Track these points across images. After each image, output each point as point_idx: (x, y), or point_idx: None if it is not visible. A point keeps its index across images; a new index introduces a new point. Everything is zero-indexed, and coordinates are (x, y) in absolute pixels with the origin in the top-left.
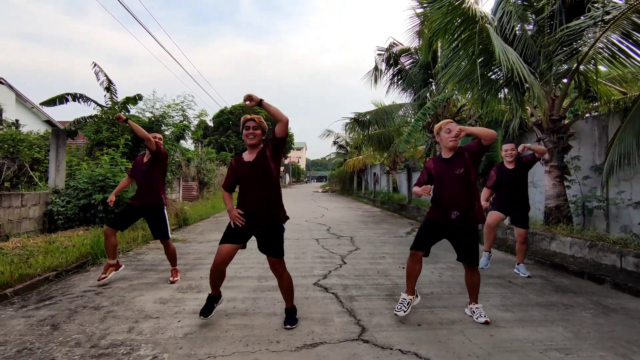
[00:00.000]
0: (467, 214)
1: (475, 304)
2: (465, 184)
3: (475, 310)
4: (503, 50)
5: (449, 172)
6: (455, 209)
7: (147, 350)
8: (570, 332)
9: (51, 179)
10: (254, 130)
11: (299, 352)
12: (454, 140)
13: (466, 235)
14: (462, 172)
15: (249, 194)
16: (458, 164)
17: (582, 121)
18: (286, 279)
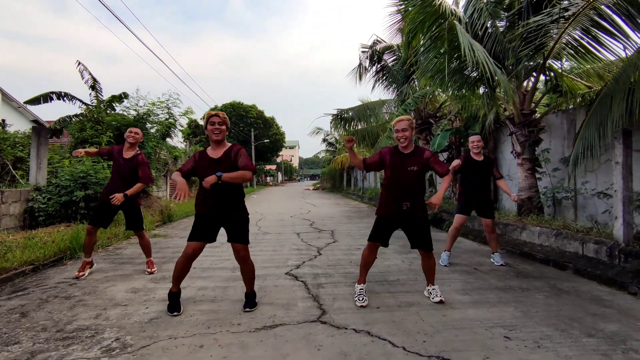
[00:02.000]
0: (418, 204)
1: (432, 285)
2: (416, 178)
3: (432, 291)
4: (469, 46)
5: (403, 167)
6: (406, 201)
7: (111, 334)
8: (520, 311)
9: (32, 176)
10: (219, 125)
11: (258, 332)
12: (402, 140)
13: (418, 223)
14: (415, 170)
15: (210, 193)
16: (414, 162)
17: (553, 115)
18: (250, 265)
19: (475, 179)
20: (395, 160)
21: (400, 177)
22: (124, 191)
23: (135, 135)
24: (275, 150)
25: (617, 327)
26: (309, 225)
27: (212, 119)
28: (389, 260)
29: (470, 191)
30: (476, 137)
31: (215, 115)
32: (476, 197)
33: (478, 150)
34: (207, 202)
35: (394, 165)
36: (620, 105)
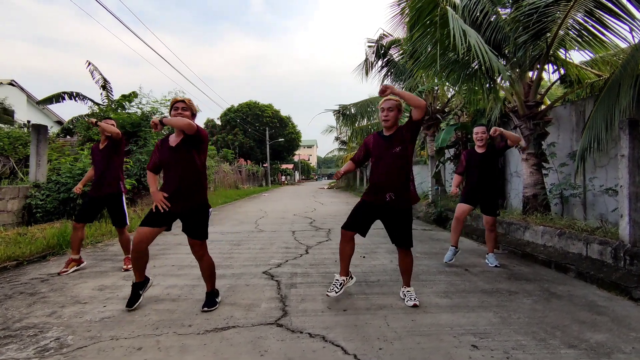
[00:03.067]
0: (402, 196)
1: (407, 287)
2: (401, 163)
3: (407, 294)
4: (461, 31)
5: (387, 150)
6: (390, 191)
7: (55, 333)
8: (499, 317)
9: (32, 173)
10: (182, 111)
11: (205, 335)
12: (385, 119)
13: (400, 217)
14: (399, 151)
15: (172, 179)
16: (396, 142)
17: (561, 107)
18: (206, 261)
19: (480, 173)
20: (379, 144)
21: (384, 161)
22: (110, 181)
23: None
24: (291, 150)
25: (605, 337)
26: (309, 224)
27: (176, 104)
28: (376, 260)
29: (475, 184)
30: (480, 128)
31: (180, 100)
32: (481, 190)
33: (482, 143)
34: (168, 186)
35: (378, 150)
36: (628, 93)
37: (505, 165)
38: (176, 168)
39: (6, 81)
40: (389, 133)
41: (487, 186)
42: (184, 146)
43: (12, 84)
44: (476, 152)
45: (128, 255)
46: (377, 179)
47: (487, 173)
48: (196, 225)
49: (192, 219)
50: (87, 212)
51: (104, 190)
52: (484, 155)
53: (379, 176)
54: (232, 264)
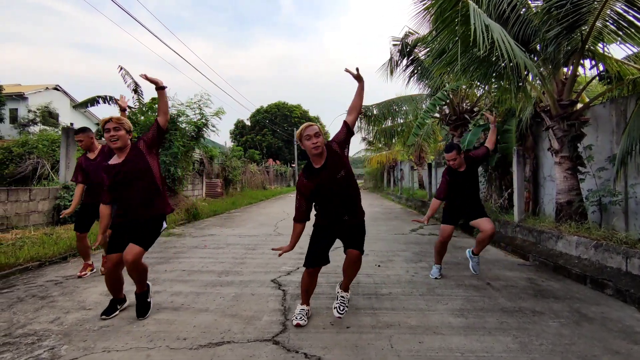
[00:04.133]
0: (357, 213)
1: (346, 292)
2: (351, 185)
3: (340, 298)
4: (482, 27)
5: (330, 178)
6: (346, 213)
7: (52, 342)
8: (518, 342)
9: (61, 174)
10: (114, 132)
11: (197, 350)
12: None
13: (357, 229)
14: (344, 175)
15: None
16: (336, 165)
17: (600, 105)
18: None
19: (463, 192)
20: (316, 176)
21: (332, 191)
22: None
23: (80, 143)
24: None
25: None
26: None
27: (106, 126)
28: (391, 270)
29: (458, 205)
30: (449, 155)
31: (108, 121)
32: (466, 206)
33: (458, 166)
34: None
35: (320, 183)
36: None
37: (538, 168)
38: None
39: (51, 86)
40: (322, 160)
41: (472, 202)
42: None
43: (56, 89)
44: (457, 171)
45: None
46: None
47: (470, 190)
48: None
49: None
50: (83, 220)
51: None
52: (466, 172)
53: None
54: (243, 270)
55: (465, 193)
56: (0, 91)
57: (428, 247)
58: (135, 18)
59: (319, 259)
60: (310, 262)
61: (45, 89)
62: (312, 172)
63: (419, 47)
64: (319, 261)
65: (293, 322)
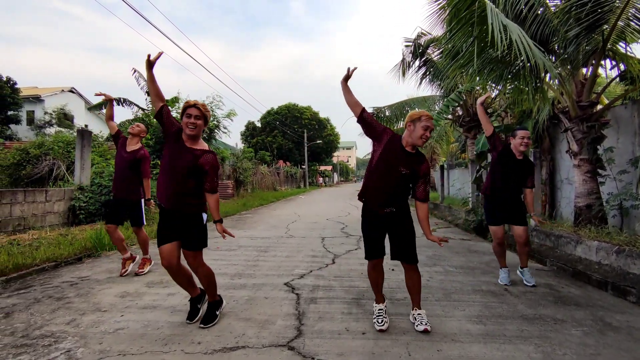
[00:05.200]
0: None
1: (418, 310)
2: (402, 187)
3: (417, 317)
4: (500, 27)
5: (395, 162)
6: (389, 205)
7: (68, 344)
8: (540, 352)
9: (76, 176)
10: (195, 120)
11: (212, 355)
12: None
13: (403, 228)
14: (404, 173)
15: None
16: (409, 163)
17: (621, 106)
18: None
19: (508, 177)
20: (394, 149)
21: (388, 174)
22: (125, 186)
23: (137, 128)
24: (329, 151)
25: None
26: (340, 230)
27: (188, 111)
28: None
29: (498, 190)
30: (525, 132)
31: (192, 106)
32: (504, 197)
33: (525, 149)
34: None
35: (387, 154)
36: None
37: (555, 171)
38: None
39: (67, 88)
40: (409, 150)
41: (516, 198)
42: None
43: (72, 91)
44: (514, 154)
45: (145, 257)
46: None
47: (516, 181)
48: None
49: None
50: (114, 213)
51: (124, 195)
52: (521, 162)
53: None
54: (256, 272)
55: (513, 185)
56: (18, 94)
57: (441, 251)
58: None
59: (376, 250)
60: (368, 253)
61: (61, 92)
62: (394, 142)
63: (432, 47)
64: (376, 252)
65: (376, 327)
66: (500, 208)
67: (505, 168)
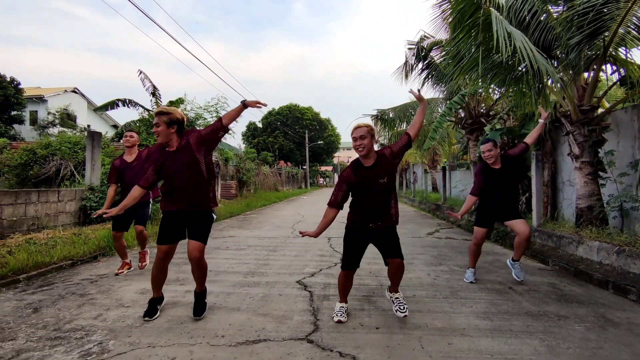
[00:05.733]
0: (389, 221)
1: (397, 293)
2: (388, 193)
3: (395, 300)
4: (505, 34)
5: (371, 181)
6: (375, 219)
7: (99, 336)
8: (545, 346)
9: (87, 176)
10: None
11: (236, 347)
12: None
13: (388, 235)
14: (385, 183)
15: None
16: (382, 172)
17: (621, 111)
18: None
19: (498, 191)
20: (360, 174)
21: (370, 193)
22: None
23: (130, 139)
24: (330, 152)
25: None
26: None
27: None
28: (412, 273)
29: (493, 204)
30: (486, 146)
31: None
32: (501, 207)
33: (492, 160)
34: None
35: (362, 180)
36: None
37: (557, 173)
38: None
39: (70, 89)
40: (369, 163)
41: (508, 199)
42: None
43: (75, 91)
44: (492, 168)
45: (144, 250)
46: (362, 212)
47: (507, 191)
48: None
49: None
50: (120, 220)
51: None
52: (502, 170)
53: (365, 210)
54: (267, 271)
55: (499, 193)
56: (22, 94)
57: (446, 251)
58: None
59: (353, 263)
60: (346, 264)
61: (64, 92)
62: (359, 168)
63: (435, 50)
64: (353, 264)
65: (334, 318)
66: (493, 212)
67: (488, 181)
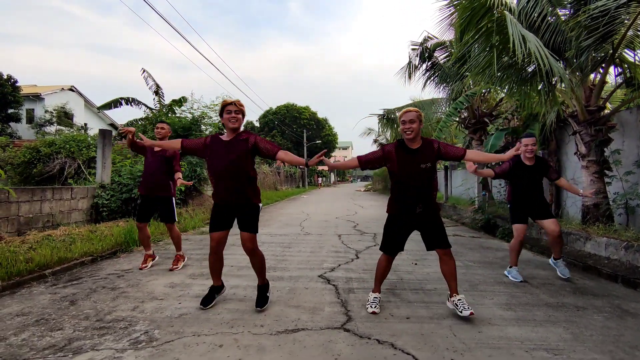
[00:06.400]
0: (431, 204)
1: (457, 295)
2: (429, 179)
3: (459, 303)
4: (520, 37)
5: (413, 164)
6: (419, 202)
7: (143, 326)
8: (570, 333)
9: (98, 174)
10: (235, 114)
11: (278, 335)
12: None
13: (433, 223)
14: (428, 167)
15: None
16: (425, 157)
17: (626, 111)
18: (259, 256)
19: (526, 185)
20: (403, 156)
21: (412, 176)
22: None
23: (161, 131)
24: (327, 152)
25: None
26: (352, 227)
27: (228, 108)
28: (429, 268)
29: (520, 197)
30: (530, 140)
31: (231, 104)
32: (528, 202)
33: (532, 155)
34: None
35: (401, 163)
36: None
37: (561, 172)
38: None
39: (67, 87)
40: (415, 146)
41: (538, 197)
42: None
43: (71, 90)
44: (524, 164)
45: (179, 253)
46: (404, 194)
47: (534, 184)
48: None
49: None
50: (143, 211)
51: (154, 192)
52: (534, 168)
53: (407, 192)
54: (287, 266)
55: (529, 189)
56: (19, 92)
57: (455, 248)
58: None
59: (397, 247)
60: (389, 249)
61: (60, 90)
62: (403, 148)
63: (439, 51)
64: (397, 249)
65: (368, 309)
66: (526, 210)
67: (519, 179)
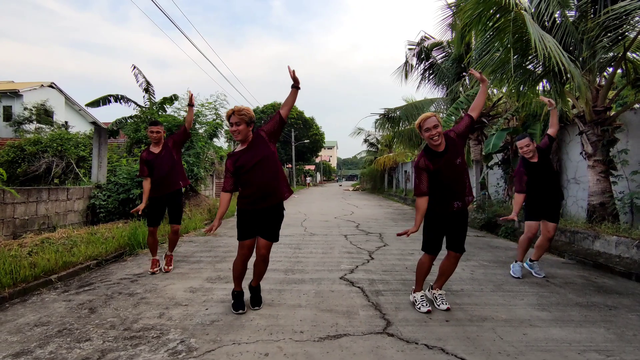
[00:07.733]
0: (465, 201)
1: (440, 290)
2: (464, 172)
3: (438, 297)
4: (540, 37)
5: (450, 164)
6: (458, 199)
7: (176, 335)
8: (613, 333)
9: (94, 174)
10: (236, 127)
11: (322, 342)
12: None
13: (462, 224)
14: (461, 162)
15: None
16: (455, 151)
17: (631, 112)
18: (267, 262)
19: (541, 184)
20: (438, 161)
21: (449, 175)
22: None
23: (157, 135)
24: (314, 151)
25: None
26: (355, 227)
27: (230, 120)
28: None
29: (539, 200)
30: (523, 141)
31: (232, 114)
32: (547, 201)
33: (532, 154)
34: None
35: (440, 166)
36: None
37: (562, 171)
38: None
39: (46, 84)
40: (441, 148)
41: (553, 192)
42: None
43: (52, 86)
44: (530, 162)
45: (171, 253)
46: (444, 194)
47: (549, 181)
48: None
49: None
50: (153, 215)
51: (170, 188)
52: (539, 164)
53: (447, 191)
54: (304, 268)
55: (543, 185)
56: None
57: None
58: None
59: (439, 246)
60: (432, 249)
61: (40, 87)
62: (434, 155)
63: (436, 51)
64: (439, 247)
65: (421, 309)
66: (539, 207)
67: (531, 177)
